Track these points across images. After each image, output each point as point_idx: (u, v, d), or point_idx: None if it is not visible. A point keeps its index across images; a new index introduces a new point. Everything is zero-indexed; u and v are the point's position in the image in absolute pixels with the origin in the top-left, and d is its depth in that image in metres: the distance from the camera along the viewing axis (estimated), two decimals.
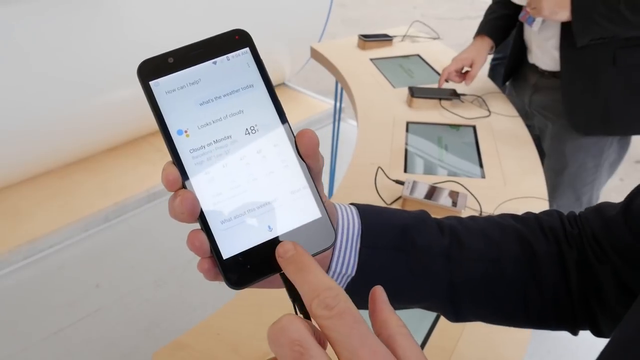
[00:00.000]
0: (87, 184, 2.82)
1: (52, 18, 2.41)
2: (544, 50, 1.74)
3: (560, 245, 0.60)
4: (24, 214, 2.58)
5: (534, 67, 1.83)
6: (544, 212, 0.65)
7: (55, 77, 2.47)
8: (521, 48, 1.88)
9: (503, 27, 1.96)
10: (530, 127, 1.88)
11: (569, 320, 0.61)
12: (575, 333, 0.62)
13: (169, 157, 0.39)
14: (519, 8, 1.82)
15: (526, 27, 1.81)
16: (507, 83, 2.07)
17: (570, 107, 1.71)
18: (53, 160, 2.79)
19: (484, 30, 1.97)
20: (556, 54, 1.69)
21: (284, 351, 0.30)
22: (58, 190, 2.75)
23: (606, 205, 0.63)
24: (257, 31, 0.42)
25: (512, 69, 1.97)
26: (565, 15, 1.54)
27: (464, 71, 1.97)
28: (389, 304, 0.35)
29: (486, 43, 1.96)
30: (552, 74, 1.76)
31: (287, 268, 0.35)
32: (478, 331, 1.07)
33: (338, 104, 2.69)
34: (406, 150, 1.66)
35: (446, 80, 1.95)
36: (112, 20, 2.61)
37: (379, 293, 0.36)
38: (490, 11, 2.00)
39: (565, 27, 1.61)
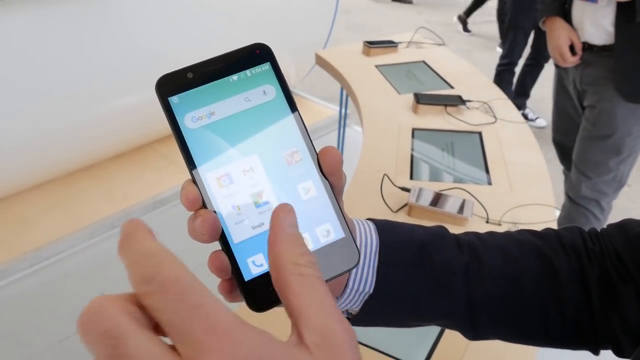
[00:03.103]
0: (93, 191, 2.82)
1: (58, 26, 2.42)
2: (598, 26, 1.86)
3: (581, 262, 0.59)
4: (30, 222, 2.58)
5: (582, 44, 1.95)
6: (564, 228, 0.64)
7: (61, 85, 2.48)
8: None
9: (562, 3, 2.04)
10: (576, 109, 2.07)
11: (590, 340, 0.59)
12: (596, 353, 0.61)
13: (174, 165, 0.39)
14: None
15: (577, 8, 1.92)
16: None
17: (622, 78, 1.85)
18: (58, 167, 2.79)
19: (552, 11, 2.04)
20: (611, 30, 1.81)
21: (95, 348, 0.22)
22: (63, 198, 2.75)
23: (629, 222, 0.61)
24: (262, 37, 0.41)
25: None
26: None
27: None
28: (292, 230, 0.27)
29: (561, 20, 2.02)
30: (602, 48, 1.88)
31: (119, 249, 0.26)
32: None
33: (343, 110, 2.70)
34: (412, 157, 1.65)
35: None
36: (117, 28, 2.62)
37: (279, 214, 0.28)
38: None
39: (620, 4, 1.74)
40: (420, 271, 0.54)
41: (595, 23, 1.86)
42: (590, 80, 1.97)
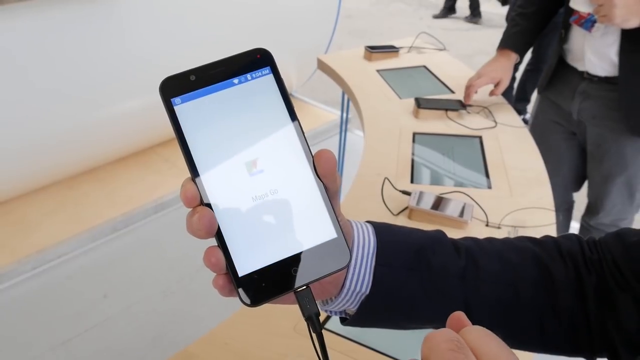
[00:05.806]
0: (95, 194, 2.84)
1: (62, 30, 2.43)
2: (601, 57, 1.70)
3: (579, 270, 0.59)
4: (33, 224, 2.60)
5: (578, 74, 1.79)
6: (563, 236, 0.64)
7: (63, 88, 2.50)
8: (561, 56, 1.86)
9: (527, 41, 1.96)
10: (574, 135, 1.91)
11: (587, 348, 0.59)
12: None
13: (176, 168, 0.40)
14: (543, 21, 1.81)
15: (577, 35, 1.76)
16: (537, 93, 2.05)
17: (628, 112, 1.70)
18: (61, 170, 2.81)
19: (508, 44, 1.96)
20: (616, 60, 1.66)
21: (440, 348, 0.29)
22: (66, 201, 2.76)
23: (627, 231, 0.62)
24: (264, 42, 0.42)
25: (550, 77, 1.94)
26: (636, 22, 1.53)
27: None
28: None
29: (512, 59, 1.95)
30: (605, 79, 1.72)
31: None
32: None
33: (344, 115, 2.70)
34: (413, 161, 1.66)
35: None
36: (121, 32, 2.64)
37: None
38: (513, 24, 1.97)
39: (625, 32, 1.60)
40: (417, 274, 0.55)
41: (599, 52, 1.69)
42: (589, 115, 1.82)
